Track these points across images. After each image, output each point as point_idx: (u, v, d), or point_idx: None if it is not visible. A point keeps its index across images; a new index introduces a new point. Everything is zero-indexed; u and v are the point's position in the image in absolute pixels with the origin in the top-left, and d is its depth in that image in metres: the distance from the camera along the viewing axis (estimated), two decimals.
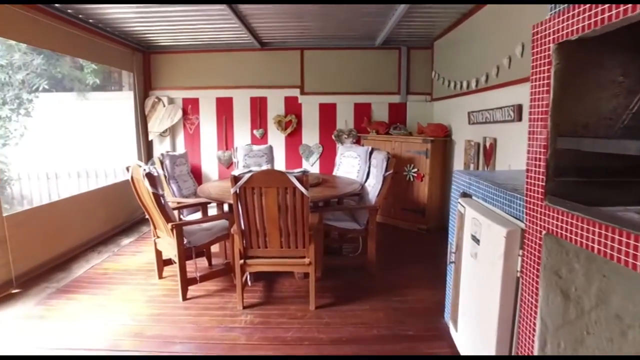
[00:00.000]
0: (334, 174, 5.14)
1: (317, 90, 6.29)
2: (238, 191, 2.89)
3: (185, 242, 3.38)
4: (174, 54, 6.29)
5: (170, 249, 3.50)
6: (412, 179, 5.38)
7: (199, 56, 6.28)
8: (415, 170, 5.33)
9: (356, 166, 4.95)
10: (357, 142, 6.23)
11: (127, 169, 3.44)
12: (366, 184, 4.33)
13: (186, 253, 3.40)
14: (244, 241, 3.11)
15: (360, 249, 4.16)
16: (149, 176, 3.09)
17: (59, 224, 4.41)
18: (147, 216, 3.66)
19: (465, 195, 2.53)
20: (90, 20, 4.81)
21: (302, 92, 6.30)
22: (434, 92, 6.12)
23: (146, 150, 6.24)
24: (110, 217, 5.24)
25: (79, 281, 3.88)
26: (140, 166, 3.20)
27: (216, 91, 6.33)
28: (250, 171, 2.85)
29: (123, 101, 6.53)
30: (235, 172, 2.87)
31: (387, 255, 4.31)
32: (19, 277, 3.74)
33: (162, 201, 3.23)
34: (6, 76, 5.36)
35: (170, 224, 3.24)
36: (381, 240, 4.41)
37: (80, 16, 4.62)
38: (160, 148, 6.36)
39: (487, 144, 4.11)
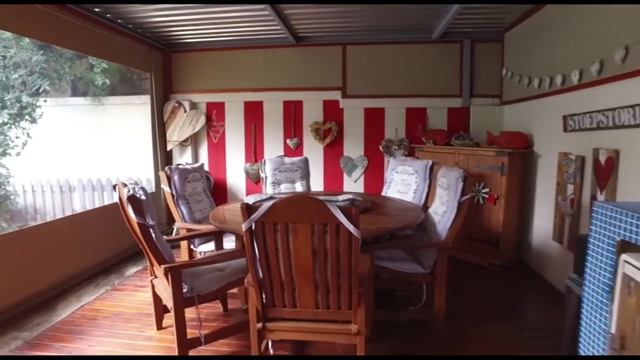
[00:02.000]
0: (383, 194, 4.13)
1: (362, 93, 5.32)
2: (253, 227, 1.93)
3: (186, 289, 2.46)
4: (197, 52, 5.52)
5: (167, 295, 2.59)
6: (482, 202, 4.27)
7: (224, 54, 5.47)
8: (487, 190, 4.22)
9: (412, 185, 3.92)
10: (410, 154, 5.19)
11: (114, 187, 2.58)
12: (430, 211, 3.28)
13: (187, 303, 2.48)
14: (263, 297, 2.14)
15: (424, 299, 3.11)
16: (132, 200, 2.20)
17: (50, 250, 3.63)
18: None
19: (627, 245, 1.43)
20: (97, 10, 4.08)
21: (344, 95, 5.34)
22: (504, 94, 5.00)
23: (164, 162, 5.45)
24: (114, 241, 4.43)
25: (57, 329, 3.05)
26: (125, 185, 2.32)
27: (244, 94, 5.49)
28: (270, 198, 1.89)
29: (140, 106, 5.80)
30: (249, 199, 1.92)
31: (454, 303, 3.22)
32: None
33: (153, 234, 2.33)
34: (2, 75, 4.73)
35: (163, 267, 2.32)
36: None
37: (85, 4, 3.89)
38: (181, 160, 5.57)
39: (603, 159, 2.97)
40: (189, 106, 5.50)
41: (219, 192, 5.53)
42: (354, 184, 5.44)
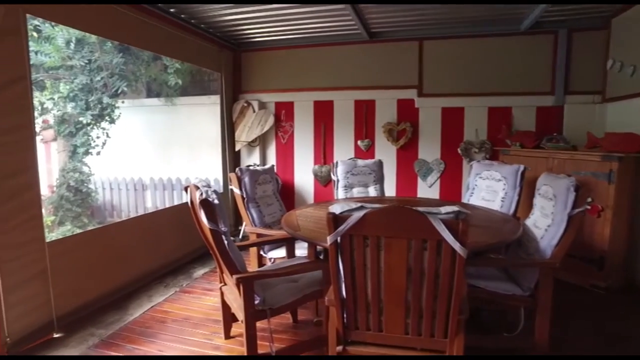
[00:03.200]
0: (464, 201, 3.75)
1: (440, 91, 4.93)
2: (339, 240, 1.69)
3: (258, 301, 2.28)
4: (266, 51, 5.43)
5: (237, 306, 2.43)
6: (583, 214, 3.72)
7: (294, 53, 5.33)
8: (590, 200, 3.67)
9: (499, 192, 3.50)
10: (493, 157, 4.71)
11: (186, 189, 2.46)
12: (528, 223, 2.86)
13: (258, 316, 2.29)
14: (345, 318, 1.89)
15: (521, 324, 2.69)
16: (205, 205, 2.04)
17: (124, 249, 3.65)
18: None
19: None
20: (172, 10, 4.08)
21: (420, 94, 4.98)
22: (608, 90, 4.38)
23: (232, 162, 5.42)
24: (183, 241, 4.41)
25: (129, 329, 3.03)
26: (197, 188, 2.18)
27: (314, 93, 5.31)
28: (361, 207, 1.63)
29: (210, 106, 5.82)
30: (336, 208, 1.67)
31: (553, 332, 2.77)
32: (63, 318, 2.98)
33: (225, 241, 2.16)
34: (88, 79, 4.90)
35: (235, 276, 2.15)
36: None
37: (159, 5, 3.90)
38: (248, 161, 5.51)
39: None
40: (258, 106, 5.42)
41: (287, 194, 5.39)
42: (428, 189, 5.06)
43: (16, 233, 2.67)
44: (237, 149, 5.45)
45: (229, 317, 2.83)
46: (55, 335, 2.89)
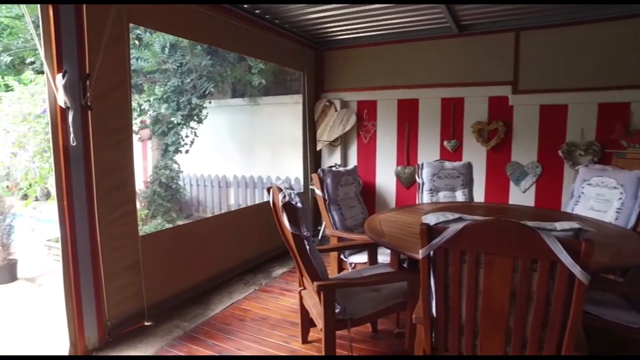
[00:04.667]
0: (568, 210, 3.33)
1: (538, 87, 4.45)
2: (432, 254, 1.52)
3: (338, 310, 2.17)
4: (349, 49, 5.32)
5: (316, 313, 2.35)
6: None
7: (377, 50, 5.15)
8: None
9: (614, 202, 3.05)
10: (604, 161, 4.15)
11: (268, 190, 2.43)
12: None
13: (339, 325, 2.19)
14: (434, 338, 1.71)
15: None
16: (288, 208, 1.98)
17: (205, 246, 3.77)
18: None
19: None
20: (257, 11, 4.13)
21: (515, 90, 4.54)
22: None
23: (313, 162, 5.39)
24: (263, 240, 4.47)
25: (210, 324, 3.12)
26: (280, 190, 2.13)
27: (398, 91, 5.10)
28: (459, 219, 1.45)
29: (292, 105, 5.86)
30: (430, 218, 1.51)
31: None
32: (152, 308, 3.13)
33: (307, 246, 2.09)
34: (179, 81, 5.16)
35: (316, 283, 2.07)
36: None
37: (245, 6, 3.97)
38: (330, 161, 5.45)
39: None
40: (340, 105, 5.34)
41: (368, 196, 5.25)
42: (522, 195, 4.61)
43: (115, 226, 2.84)
44: (318, 149, 5.43)
45: (306, 322, 2.77)
46: (146, 324, 3.05)
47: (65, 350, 2.65)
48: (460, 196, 3.81)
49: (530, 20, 4.35)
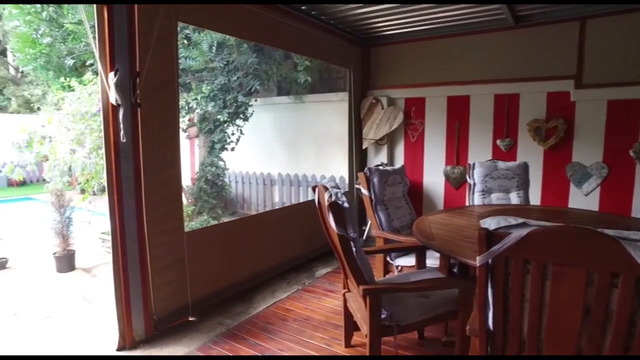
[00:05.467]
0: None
1: (606, 81, 4.09)
2: (491, 262, 1.38)
3: (384, 316, 2.07)
4: (397, 44, 5.16)
5: (361, 317, 2.26)
6: None
7: (426, 45, 4.96)
8: None
9: None
10: None
11: (314, 189, 2.36)
12: None
13: (384, 332, 2.09)
14: (489, 352, 1.57)
15: None
16: (334, 208, 1.90)
17: (249, 244, 3.77)
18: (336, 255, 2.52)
19: None
20: (303, 8, 4.08)
21: (579, 85, 4.21)
22: None
23: (359, 160, 5.29)
24: (307, 239, 4.42)
25: (253, 323, 3.11)
26: (326, 189, 2.05)
27: (448, 88, 4.88)
28: (523, 224, 1.31)
29: (338, 103, 5.78)
30: (490, 223, 1.37)
31: None
32: (196, 304, 3.15)
33: (353, 248, 2.00)
34: (226, 79, 5.22)
35: (361, 287, 1.98)
36: None
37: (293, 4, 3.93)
38: (375, 160, 5.32)
39: None
40: (387, 102, 5.20)
41: (415, 196, 5.06)
42: (584, 198, 4.27)
43: (161, 221, 2.89)
44: (364, 147, 5.31)
45: (350, 325, 2.68)
46: (190, 319, 3.09)
47: (114, 341, 2.72)
48: (514, 198, 3.58)
49: (598, 7, 4.01)
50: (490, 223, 1.36)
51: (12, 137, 5.30)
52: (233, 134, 5.59)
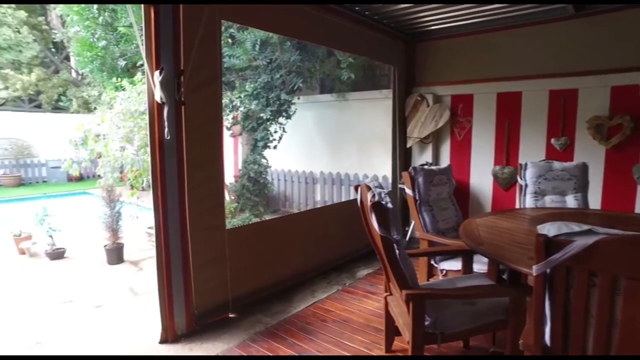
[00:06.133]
0: None
1: None
2: (549, 272, 1.25)
3: (428, 322, 1.96)
4: (443, 39, 4.95)
5: (403, 323, 2.15)
6: None
7: (476, 39, 4.73)
8: None
9: None
10: None
11: (356, 188, 2.28)
12: None
13: (428, 339, 1.98)
14: None
15: None
16: (377, 209, 1.82)
17: (289, 242, 3.75)
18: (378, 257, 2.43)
19: None
20: (347, 5, 4.00)
21: None
22: None
23: (402, 159, 5.14)
24: (349, 239, 4.35)
25: (292, 322, 3.07)
26: (369, 189, 1.97)
27: (498, 84, 4.63)
28: (588, 231, 1.17)
29: (381, 101, 5.65)
30: (549, 229, 1.24)
31: None
32: (236, 301, 3.17)
33: (396, 251, 1.90)
34: (269, 77, 5.23)
35: (404, 292, 1.88)
36: None
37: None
38: (420, 159, 5.15)
39: None
40: (433, 100, 5.01)
41: (460, 197, 4.84)
42: None
43: (203, 218, 2.91)
44: (408, 146, 5.16)
45: (391, 330, 2.57)
46: (230, 315, 3.11)
47: (157, 333, 2.78)
48: (571, 201, 3.33)
49: None
50: (550, 229, 1.23)
51: (70, 135, 5.58)
52: (276, 131, 5.61)
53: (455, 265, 2.77)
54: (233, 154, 7.51)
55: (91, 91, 11.16)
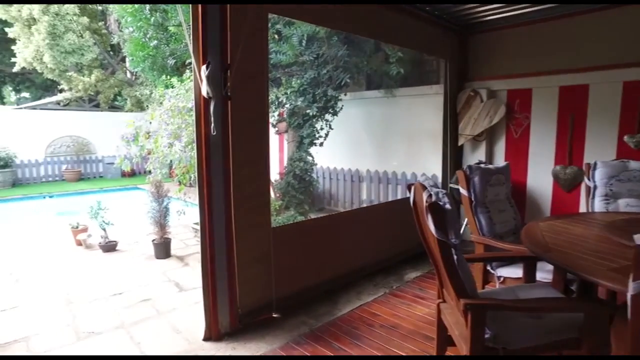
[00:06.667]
0: None
1: None
2: None
3: (488, 335, 1.79)
4: (499, 30, 4.66)
5: (458, 334, 1.98)
6: None
7: (536, 28, 4.40)
8: None
9: None
10: None
11: (409, 188, 2.13)
12: None
13: (487, 353, 1.80)
14: None
15: None
16: (435, 210, 1.66)
17: (335, 242, 3.64)
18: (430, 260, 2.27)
19: None
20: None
21: None
22: None
23: (453, 158, 4.89)
24: (397, 239, 4.18)
25: (337, 326, 2.97)
26: (424, 188, 1.81)
27: (560, 77, 4.28)
28: None
29: (431, 97, 5.40)
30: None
31: None
32: (280, 301, 3.10)
33: (454, 256, 1.74)
34: (315, 73, 5.13)
35: (462, 302, 1.72)
36: None
37: None
38: (472, 157, 4.87)
39: None
40: (487, 95, 4.73)
41: (516, 198, 4.48)
42: None
43: (249, 216, 2.87)
44: (459, 144, 4.90)
45: (443, 339, 2.39)
46: (274, 315, 3.04)
47: (201, 330, 2.76)
48: None
49: None
50: None
51: (122, 132, 5.78)
52: (322, 128, 5.50)
53: (515, 272, 2.55)
54: (278, 151, 7.50)
55: (143, 90, 11.63)
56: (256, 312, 2.97)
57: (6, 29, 11.78)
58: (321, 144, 5.59)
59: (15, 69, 12.13)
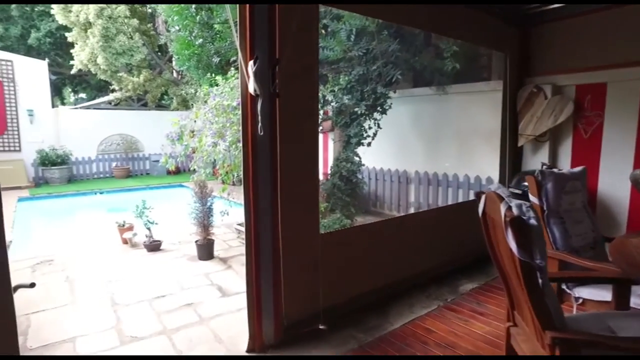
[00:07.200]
0: None
1: None
2: None
3: None
4: (568, 19, 4.23)
5: None
6: None
7: (610, 15, 3.95)
8: None
9: None
10: None
11: (478, 196, 1.87)
12: None
13: None
14: None
15: None
16: (519, 226, 1.40)
17: (385, 249, 3.40)
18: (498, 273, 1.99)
19: None
20: None
21: None
22: None
23: (511, 160, 4.51)
24: (451, 248, 3.87)
25: (388, 341, 2.75)
26: (502, 198, 1.56)
27: None
28: None
29: (487, 94, 5.03)
30: None
31: None
32: (327, 311, 2.89)
33: (539, 280, 1.47)
34: (364, 69, 4.88)
35: (549, 334, 1.45)
36: None
37: None
38: (533, 160, 4.48)
39: None
40: (551, 91, 4.32)
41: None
42: None
43: (296, 220, 2.69)
44: (519, 145, 4.51)
45: None
46: (321, 327, 2.84)
47: (244, 341, 2.62)
48: None
49: None
50: None
51: (167, 131, 5.80)
52: (370, 127, 5.25)
53: (599, 294, 2.22)
54: (323, 151, 7.32)
55: (189, 89, 11.82)
56: (302, 324, 2.79)
57: (66, 34, 12.38)
58: (369, 144, 5.34)
59: (73, 71, 12.74)
